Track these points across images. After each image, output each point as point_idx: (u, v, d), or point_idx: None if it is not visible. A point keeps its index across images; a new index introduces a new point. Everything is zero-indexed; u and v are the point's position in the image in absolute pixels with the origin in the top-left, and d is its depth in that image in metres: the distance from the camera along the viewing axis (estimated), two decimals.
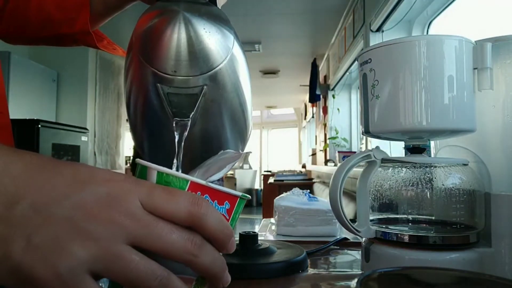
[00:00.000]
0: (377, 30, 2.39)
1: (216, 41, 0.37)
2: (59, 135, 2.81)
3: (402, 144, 0.56)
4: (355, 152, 2.18)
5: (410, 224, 0.54)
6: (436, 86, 0.48)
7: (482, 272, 0.43)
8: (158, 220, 0.27)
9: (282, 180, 4.53)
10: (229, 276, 0.30)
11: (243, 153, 0.41)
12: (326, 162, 4.02)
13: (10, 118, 0.59)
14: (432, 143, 0.62)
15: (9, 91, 2.93)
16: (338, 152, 3.60)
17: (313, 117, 5.59)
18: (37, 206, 0.25)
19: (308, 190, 0.98)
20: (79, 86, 3.82)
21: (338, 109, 4.04)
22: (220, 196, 0.31)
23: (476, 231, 0.50)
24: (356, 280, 0.35)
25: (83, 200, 0.26)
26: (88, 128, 3.40)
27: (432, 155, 0.62)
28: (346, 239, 0.78)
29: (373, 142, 2.09)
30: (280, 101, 7.94)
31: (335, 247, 0.74)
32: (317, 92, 4.25)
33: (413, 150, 0.54)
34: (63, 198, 0.25)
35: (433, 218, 0.54)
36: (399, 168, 0.54)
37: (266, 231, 0.91)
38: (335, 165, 3.62)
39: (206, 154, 0.40)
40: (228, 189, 0.31)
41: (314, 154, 5.24)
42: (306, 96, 5.54)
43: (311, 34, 4.02)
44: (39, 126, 2.56)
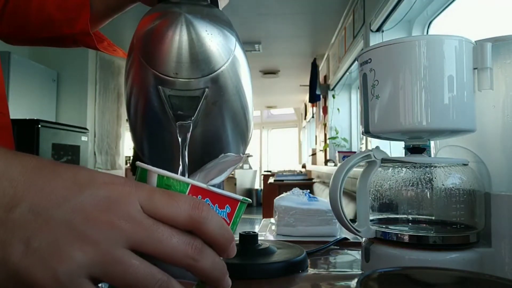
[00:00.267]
0: (377, 30, 2.39)
1: (218, 44, 0.37)
2: (59, 135, 2.81)
3: (402, 144, 0.56)
4: (355, 152, 2.18)
5: (410, 224, 0.54)
6: (436, 86, 0.48)
7: (482, 272, 0.43)
8: (158, 224, 0.26)
9: (282, 180, 4.53)
10: (230, 281, 0.30)
11: (244, 157, 0.40)
12: (326, 162, 4.02)
13: (10, 118, 0.58)
14: (432, 143, 0.62)
15: (9, 91, 2.93)
16: (338, 152, 3.60)
17: (313, 117, 5.59)
18: (36, 209, 0.25)
19: (308, 190, 0.98)
20: (79, 86, 3.82)
21: (338, 109, 4.04)
22: (221, 200, 0.31)
23: (476, 231, 0.50)
24: (356, 280, 0.35)
25: (83, 204, 0.25)
26: (88, 128, 3.40)
27: (432, 155, 0.62)
28: (346, 239, 0.78)
29: (373, 142, 2.09)
30: (280, 101, 7.94)
31: (335, 247, 0.74)
32: (317, 92, 4.25)
33: (413, 150, 0.54)
34: (63, 201, 0.25)
35: (433, 218, 0.54)
36: (399, 168, 0.54)
37: (266, 231, 0.91)
38: (335, 165, 3.62)
39: (207, 157, 0.40)
40: (229, 193, 0.31)
41: (314, 154, 5.24)
42: (306, 96, 5.55)
43: (311, 34, 4.02)
44: (39, 126, 2.56)
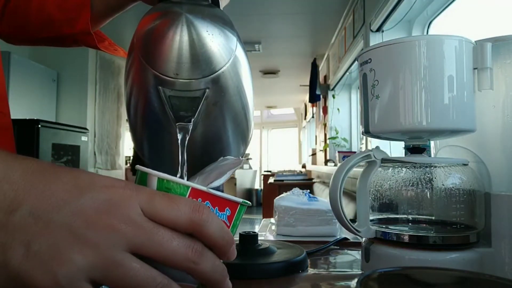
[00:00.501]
0: (377, 30, 2.39)
1: (219, 44, 0.37)
2: (59, 135, 2.81)
3: (402, 144, 0.56)
4: (355, 152, 2.18)
5: (410, 224, 0.54)
6: (436, 86, 0.48)
7: (482, 272, 0.43)
8: (159, 227, 0.26)
9: (282, 180, 4.53)
10: (230, 283, 0.30)
11: (243, 159, 0.40)
12: (326, 162, 4.02)
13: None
14: (432, 143, 0.62)
15: (9, 91, 2.93)
16: (338, 152, 3.60)
17: (313, 117, 5.59)
18: (37, 213, 0.25)
19: (308, 190, 0.98)
20: (79, 86, 3.82)
21: (338, 109, 4.04)
22: (221, 203, 0.31)
23: (476, 231, 0.50)
24: (356, 280, 0.35)
25: (83, 207, 0.25)
26: (88, 128, 3.40)
27: (432, 155, 0.62)
28: (346, 239, 0.78)
29: (373, 142, 2.09)
30: (280, 101, 7.94)
31: (335, 247, 0.74)
32: (317, 92, 4.25)
33: (413, 150, 0.54)
34: (63, 205, 0.25)
35: (433, 218, 0.54)
36: (399, 168, 0.54)
37: (266, 231, 0.91)
38: (335, 165, 3.62)
39: (207, 157, 0.40)
40: (229, 196, 0.31)
41: (314, 154, 5.24)
42: (306, 96, 5.54)
43: (311, 34, 4.02)
44: (39, 126, 2.56)
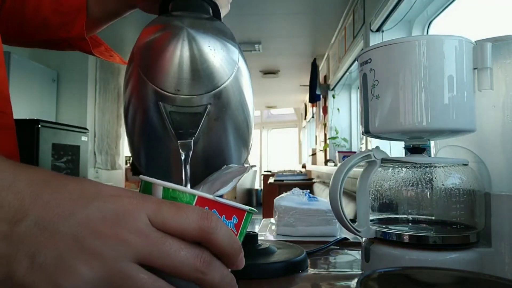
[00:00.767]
0: (377, 30, 2.39)
1: (222, 59, 0.36)
2: (59, 135, 2.81)
3: (402, 144, 0.56)
4: (355, 152, 2.18)
5: (410, 224, 0.54)
6: (436, 86, 0.48)
7: (482, 272, 0.43)
8: (166, 237, 0.26)
9: (282, 180, 4.53)
10: None
11: (248, 167, 0.39)
12: (326, 162, 4.02)
13: None
14: (432, 143, 0.62)
15: (9, 91, 2.93)
16: (338, 152, 3.60)
17: (313, 117, 5.59)
18: (42, 223, 0.24)
19: (308, 190, 0.98)
20: (79, 86, 3.82)
21: (338, 109, 4.04)
22: (228, 211, 0.30)
23: (476, 231, 0.50)
24: (356, 280, 0.35)
25: (89, 217, 0.25)
26: (88, 128, 3.40)
27: (432, 155, 0.62)
28: (346, 239, 0.78)
29: (373, 142, 2.09)
30: (280, 101, 7.93)
31: (335, 247, 0.74)
32: (317, 92, 4.25)
33: (413, 150, 0.54)
34: (69, 215, 0.25)
35: (433, 218, 0.54)
36: (399, 168, 0.54)
37: (266, 231, 0.91)
38: (335, 165, 3.62)
39: (209, 171, 0.39)
40: (236, 203, 0.31)
41: (314, 154, 5.24)
42: (306, 96, 5.54)
43: (311, 34, 4.02)
44: (39, 126, 2.56)
